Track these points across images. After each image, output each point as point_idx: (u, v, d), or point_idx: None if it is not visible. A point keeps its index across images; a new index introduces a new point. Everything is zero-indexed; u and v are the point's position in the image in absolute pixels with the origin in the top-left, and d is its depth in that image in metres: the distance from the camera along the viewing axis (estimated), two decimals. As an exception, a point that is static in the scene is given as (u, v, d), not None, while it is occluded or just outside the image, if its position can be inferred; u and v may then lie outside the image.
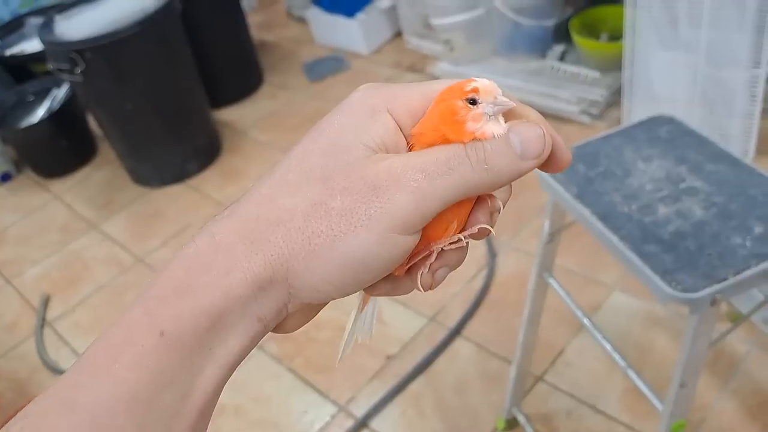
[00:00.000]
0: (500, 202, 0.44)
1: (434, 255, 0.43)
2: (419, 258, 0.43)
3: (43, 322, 2.44)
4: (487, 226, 0.43)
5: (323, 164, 0.39)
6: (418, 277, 0.43)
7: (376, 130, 0.40)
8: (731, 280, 1.05)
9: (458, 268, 0.45)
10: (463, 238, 0.43)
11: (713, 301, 1.07)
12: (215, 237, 0.39)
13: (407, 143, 0.42)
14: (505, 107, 0.41)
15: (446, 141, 0.40)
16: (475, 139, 0.40)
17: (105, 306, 2.45)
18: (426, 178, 0.39)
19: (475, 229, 0.43)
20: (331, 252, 0.38)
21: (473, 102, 0.40)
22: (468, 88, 0.41)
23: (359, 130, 0.40)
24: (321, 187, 0.39)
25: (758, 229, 1.11)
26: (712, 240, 1.11)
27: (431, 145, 0.41)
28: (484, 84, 0.41)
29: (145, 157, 2.96)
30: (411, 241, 0.40)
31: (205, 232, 0.40)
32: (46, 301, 2.52)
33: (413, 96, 0.42)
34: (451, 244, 0.43)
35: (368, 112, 0.41)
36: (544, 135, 0.40)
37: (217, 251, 0.39)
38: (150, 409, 0.36)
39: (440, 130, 0.40)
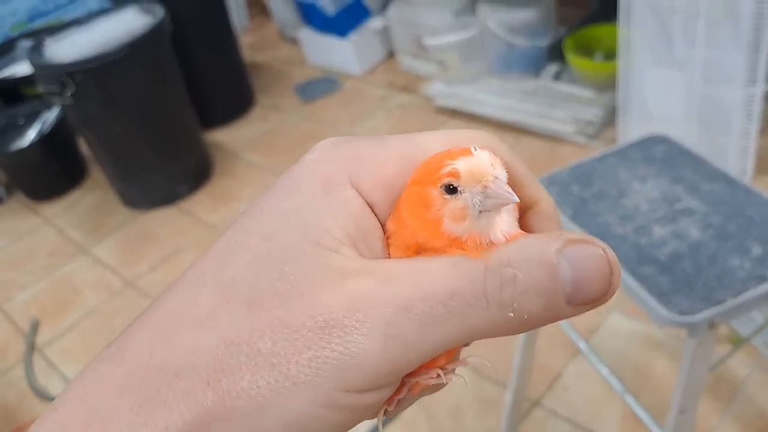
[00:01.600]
0: None
1: (405, 389, 0.31)
2: None
3: (32, 347, 2.40)
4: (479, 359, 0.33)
5: (252, 278, 0.27)
6: (380, 412, 0.31)
7: (334, 218, 0.28)
8: (730, 303, 1.02)
9: None
10: (442, 375, 0.31)
11: (711, 325, 1.04)
12: (89, 396, 0.27)
13: (384, 234, 0.30)
14: (502, 204, 0.28)
15: (419, 248, 0.28)
16: (457, 246, 0.28)
17: (94, 331, 2.41)
18: (411, 323, 0.26)
19: (467, 361, 0.32)
20: (257, 419, 0.26)
21: (452, 190, 0.28)
22: (444, 170, 0.27)
23: (308, 219, 0.28)
24: (245, 316, 0.27)
25: (756, 250, 1.08)
26: (710, 261, 1.08)
27: (408, 251, 0.29)
28: (473, 162, 0.28)
29: (135, 179, 2.94)
30: (374, 399, 0.28)
31: (76, 387, 0.28)
32: (35, 327, 2.48)
33: (388, 157, 0.29)
34: (430, 378, 0.31)
35: (322, 187, 0.29)
36: (610, 264, 0.27)
37: (87, 423, 0.26)
38: None
39: (410, 230, 0.29)
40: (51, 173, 3.16)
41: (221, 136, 3.34)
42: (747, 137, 2.08)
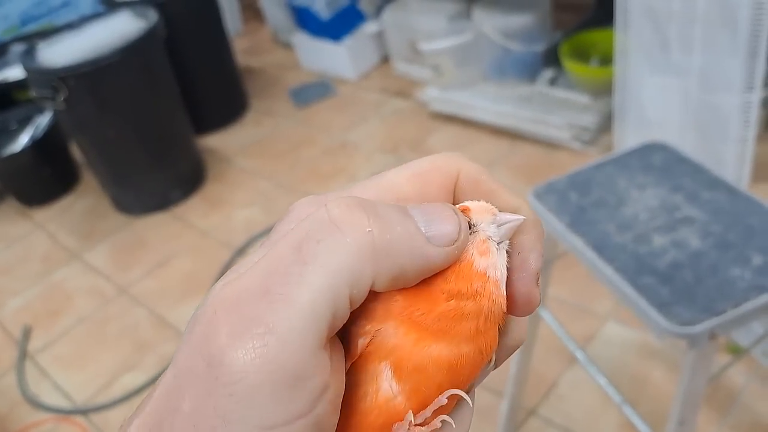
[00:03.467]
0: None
1: None
2: None
3: (24, 354, 2.38)
4: (462, 393, 0.29)
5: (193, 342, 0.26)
6: None
7: None
8: (730, 314, 1.01)
9: None
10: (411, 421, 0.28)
11: (712, 336, 1.03)
12: None
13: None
14: (514, 226, 0.29)
15: (453, 296, 0.28)
16: (489, 282, 0.28)
17: (87, 338, 2.39)
18: (271, 328, 0.24)
19: (444, 400, 0.28)
20: None
21: (469, 226, 0.29)
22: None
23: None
24: (170, 374, 0.26)
25: (757, 260, 1.07)
26: (710, 271, 1.07)
27: (437, 303, 0.28)
28: (475, 202, 0.29)
29: (127, 185, 2.92)
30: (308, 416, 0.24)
31: None
32: (27, 333, 2.46)
33: (363, 195, 0.29)
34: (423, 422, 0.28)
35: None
36: (456, 215, 0.28)
37: None
38: None
39: (438, 284, 0.28)
40: (43, 178, 3.13)
41: (214, 141, 3.32)
42: (744, 144, 2.07)
